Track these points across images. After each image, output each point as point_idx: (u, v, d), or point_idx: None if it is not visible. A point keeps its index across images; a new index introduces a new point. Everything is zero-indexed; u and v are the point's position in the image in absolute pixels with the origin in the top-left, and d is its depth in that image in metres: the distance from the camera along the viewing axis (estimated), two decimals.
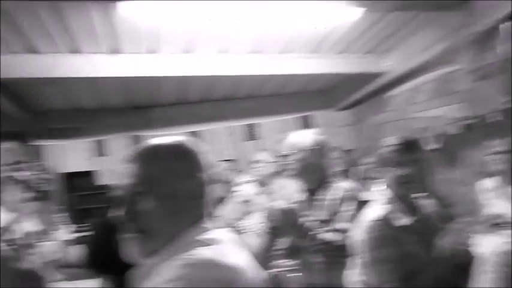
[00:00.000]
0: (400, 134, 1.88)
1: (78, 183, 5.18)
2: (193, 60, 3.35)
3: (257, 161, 3.40)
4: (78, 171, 5.03)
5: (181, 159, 0.90)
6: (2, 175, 3.83)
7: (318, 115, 4.99)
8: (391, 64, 3.70)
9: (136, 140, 4.94)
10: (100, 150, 5.02)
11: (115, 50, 3.15)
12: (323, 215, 2.08)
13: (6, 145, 4.54)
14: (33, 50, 3.03)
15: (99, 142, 4.99)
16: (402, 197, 1.77)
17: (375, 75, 3.84)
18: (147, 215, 0.86)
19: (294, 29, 3.07)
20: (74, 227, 3.64)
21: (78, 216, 4.35)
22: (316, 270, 2.08)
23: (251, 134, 4.97)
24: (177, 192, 0.87)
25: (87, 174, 5.04)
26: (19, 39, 2.82)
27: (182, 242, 0.85)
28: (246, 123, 4.96)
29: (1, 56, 3.03)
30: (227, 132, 4.79)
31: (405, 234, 1.68)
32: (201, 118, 4.76)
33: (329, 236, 1.99)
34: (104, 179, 4.95)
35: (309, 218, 2.13)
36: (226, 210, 2.87)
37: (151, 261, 0.86)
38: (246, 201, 2.84)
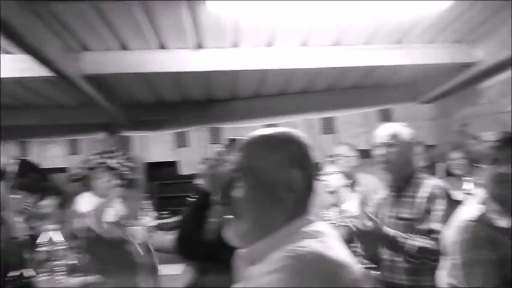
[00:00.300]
0: (493, 129, 1.75)
1: (160, 172, 5.44)
2: (274, 53, 3.36)
3: (337, 155, 3.36)
4: (160, 161, 5.27)
5: (282, 150, 0.90)
6: (93, 163, 4.14)
7: (399, 108, 4.79)
8: (483, 53, 3.45)
9: (216, 132, 5.09)
10: (181, 142, 5.22)
11: (199, 46, 3.26)
12: (412, 213, 2.00)
13: (98, 136, 4.90)
14: (125, 47, 3.24)
15: (180, 134, 5.21)
16: (501, 197, 1.66)
17: (464, 66, 3.60)
18: (239, 200, 0.89)
19: (378, 20, 2.97)
20: (156, 213, 3.83)
21: (159, 204, 4.58)
22: (399, 270, 2.02)
23: (328, 127, 4.90)
24: (272, 182, 0.87)
25: (168, 164, 5.26)
26: (114, 37, 3.02)
27: (287, 232, 0.85)
28: (323, 116, 4.90)
29: (97, 53, 3.29)
30: (305, 125, 4.77)
31: (504, 236, 1.57)
32: (279, 111, 4.77)
33: (421, 243, 1.89)
34: (184, 169, 5.15)
35: (395, 216, 2.07)
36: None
37: (253, 248, 0.87)
38: (333, 193, 2.81)
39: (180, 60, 3.30)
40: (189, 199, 1.84)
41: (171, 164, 5.23)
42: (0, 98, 3.94)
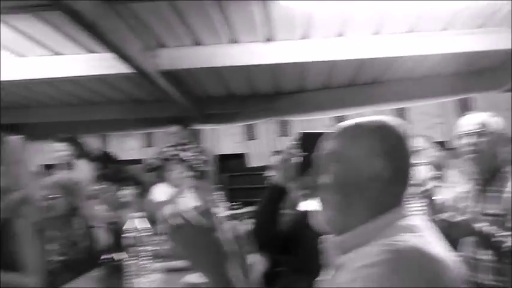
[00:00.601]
0: None
1: (229, 164, 5.56)
2: (344, 43, 3.30)
3: (413, 147, 3.23)
4: (230, 154, 5.39)
5: (369, 139, 0.87)
6: (167, 155, 4.32)
7: (480, 97, 4.49)
8: None
9: (284, 124, 5.11)
10: (250, 134, 5.30)
11: (269, 38, 3.27)
12: (499, 209, 1.88)
13: (172, 129, 5.10)
14: (198, 43, 3.34)
15: (249, 126, 5.29)
16: None
17: None
18: (326, 187, 0.88)
19: (457, 4, 2.80)
20: (227, 204, 3.93)
21: (229, 195, 4.69)
22: (484, 269, 1.91)
23: (401, 118, 4.72)
24: (357, 170, 0.86)
25: (237, 156, 5.37)
26: (188, 33, 3.13)
27: (381, 224, 0.83)
28: (395, 106, 4.73)
29: (172, 49, 3.42)
30: None
31: None
32: (349, 102, 4.68)
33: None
34: (252, 161, 5.23)
35: (479, 211, 1.95)
36: None
37: (345, 237, 0.86)
38: (419, 185, 2.72)
39: (250, 53, 3.34)
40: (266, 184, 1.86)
41: (240, 156, 5.32)
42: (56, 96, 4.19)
